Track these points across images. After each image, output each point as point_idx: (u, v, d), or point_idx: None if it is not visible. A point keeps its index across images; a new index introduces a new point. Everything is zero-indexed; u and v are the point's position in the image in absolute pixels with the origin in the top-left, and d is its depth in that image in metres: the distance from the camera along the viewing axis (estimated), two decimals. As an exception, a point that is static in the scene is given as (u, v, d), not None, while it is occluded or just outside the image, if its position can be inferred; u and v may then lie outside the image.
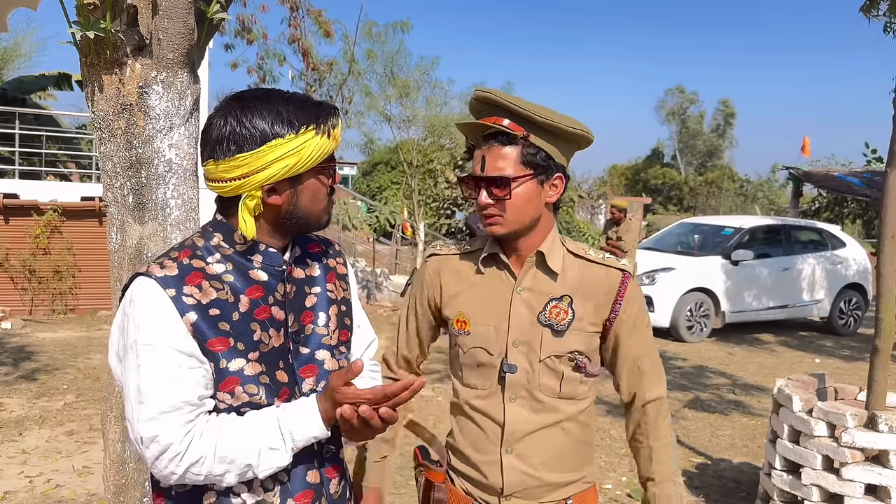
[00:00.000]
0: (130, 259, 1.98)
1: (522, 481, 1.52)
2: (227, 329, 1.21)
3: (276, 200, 1.24)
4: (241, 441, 1.19)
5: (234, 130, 1.19)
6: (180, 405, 1.16)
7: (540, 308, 1.50)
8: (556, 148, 1.47)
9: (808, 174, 14.18)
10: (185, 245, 1.27)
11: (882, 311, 3.26)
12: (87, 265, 9.26)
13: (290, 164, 1.20)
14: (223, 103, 1.24)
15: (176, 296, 1.18)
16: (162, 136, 1.95)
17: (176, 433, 1.15)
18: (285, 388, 1.28)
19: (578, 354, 1.50)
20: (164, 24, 1.89)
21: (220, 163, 1.20)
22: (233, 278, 1.24)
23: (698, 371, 7.35)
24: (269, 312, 1.27)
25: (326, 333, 1.35)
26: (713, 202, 32.52)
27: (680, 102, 42.95)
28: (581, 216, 22.00)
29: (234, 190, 1.21)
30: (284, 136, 1.19)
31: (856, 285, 10.07)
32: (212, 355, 1.20)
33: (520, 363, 1.50)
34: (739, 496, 4.09)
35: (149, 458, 1.18)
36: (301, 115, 1.21)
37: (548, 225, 1.53)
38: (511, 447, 1.52)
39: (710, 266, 9.20)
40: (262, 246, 1.28)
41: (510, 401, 1.51)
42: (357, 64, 15.38)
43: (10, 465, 4.18)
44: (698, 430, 5.33)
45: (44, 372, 6.27)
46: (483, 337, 1.53)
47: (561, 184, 1.51)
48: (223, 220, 1.28)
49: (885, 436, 3.08)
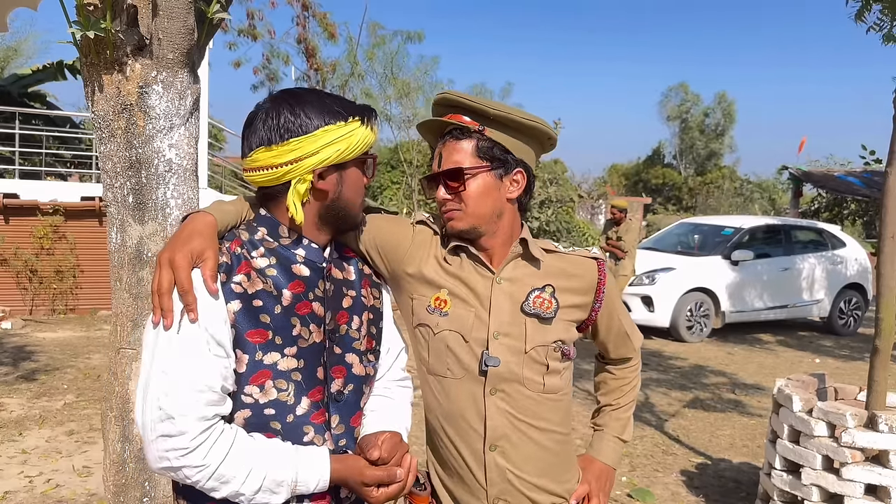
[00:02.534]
0: (130, 259, 1.98)
1: (507, 480, 1.48)
2: (267, 322, 1.23)
3: (325, 185, 1.29)
4: (247, 469, 1.18)
5: (287, 118, 1.25)
6: (204, 388, 1.15)
7: (523, 298, 1.47)
8: (514, 142, 1.46)
9: (808, 174, 14.18)
10: (234, 236, 1.29)
11: (882, 311, 3.26)
12: (87, 265, 9.27)
13: (341, 148, 1.27)
14: (272, 97, 1.31)
15: (226, 282, 1.21)
16: (162, 136, 1.95)
17: (193, 425, 1.14)
18: (319, 386, 1.30)
19: (562, 343, 1.50)
20: (164, 24, 1.89)
21: (274, 147, 1.25)
22: (276, 272, 1.27)
23: (698, 371, 7.35)
24: (310, 308, 1.30)
25: (357, 338, 1.38)
26: (713, 202, 32.53)
27: (682, 101, 42.91)
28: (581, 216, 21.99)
29: (284, 175, 1.26)
30: (335, 123, 1.26)
31: (856, 285, 10.08)
32: (248, 346, 1.21)
33: (502, 356, 1.45)
34: (739, 496, 4.09)
35: (153, 435, 1.14)
36: (347, 106, 1.30)
37: (515, 224, 1.52)
38: (494, 444, 1.46)
39: (710, 266, 9.21)
40: (305, 240, 1.32)
41: (491, 394, 1.46)
42: (359, 65, 15.39)
43: (10, 465, 4.18)
44: (698, 430, 5.33)
45: (44, 372, 6.27)
46: (461, 322, 1.46)
47: (523, 179, 1.49)
48: (267, 213, 1.32)
49: (885, 436, 3.08)
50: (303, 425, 1.27)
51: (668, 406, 5.96)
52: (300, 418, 1.26)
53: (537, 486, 1.50)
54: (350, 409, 1.36)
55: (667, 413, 5.74)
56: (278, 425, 1.25)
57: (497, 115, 1.43)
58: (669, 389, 6.51)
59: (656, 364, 7.58)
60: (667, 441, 5.05)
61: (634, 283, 8.81)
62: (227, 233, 1.29)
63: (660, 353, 8.20)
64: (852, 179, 13.47)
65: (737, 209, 30.06)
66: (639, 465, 4.54)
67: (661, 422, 5.50)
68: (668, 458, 4.71)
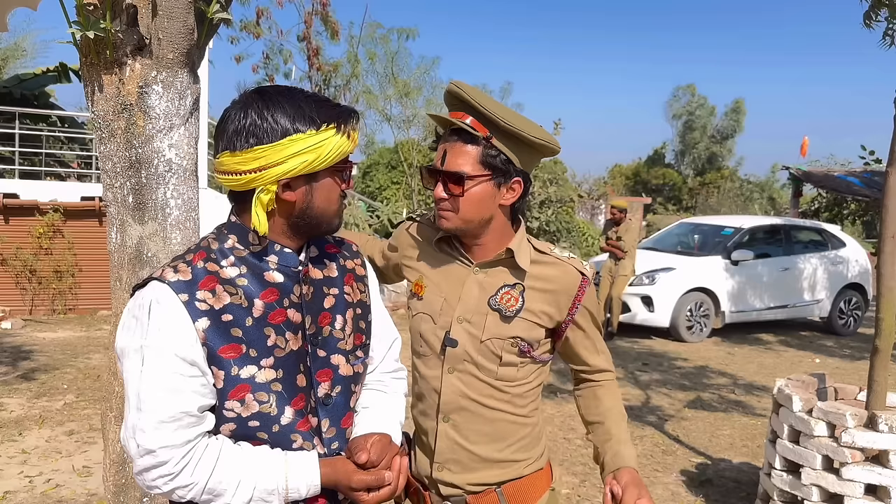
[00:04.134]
0: (130, 259, 1.98)
1: (453, 450, 1.56)
2: (239, 335, 1.19)
3: (291, 197, 1.22)
4: (236, 480, 1.18)
5: (254, 122, 1.17)
6: (179, 416, 1.14)
7: (492, 292, 1.54)
8: (517, 153, 1.48)
9: (808, 174, 14.16)
10: (199, 247, 1.25)
11: (882, 311, 3.26)
12: (87, 265, 9.26)
13: (309, 160, 1.19)
14: (243, 96, 1.23)
15: (189, 301, 1.16)
16: (162, 136, 1.95)
17: (174, 452, 1.14)
18: (301, 393, 1.26)
19: (521, 341, 1.53)
20: (164, 24, 1.89)
21: (237, 154, 1.18)
22: (247, 282, 1.23)
23: (698, 371, 7.35)
24: (284, 315, 1.25)
25: (342, 338, 1.34)
26: (713, 202, 32.51)
27: (689, 102, 42.85)
28: (581, 216, 21.98)
29: (248, 183, 1.19)
30: (305, 131, 1.18)
31: (856, 285, 10.07)
32: (223, 362, 1.18)
33: (461, 339, 1.54)
34: (739, 496, 4.09)
35: (138, 467, 1.16)
36: (322, 112, 1.20)
37: (506, 229, 1.56)
38: (447, 416, 1.56)
39: (710, 266, 9.20)
40: (276, 246, 1.26)
41: (448, 372, 1.55)
42: (359, 65, 15.40)
43: (10, 465, 4.18)
44: (698, 430, 5.33)
45: (44, 372, 6.27)
46: (431, 305, 1.58)
47: (519, 188, 1.52)
48: (237, 220, 1.26)
49: (885, 436, 3.08)
50: (289, 434, 1.25)
51: (668, 406, 5.96)
52: (286, 427, 1.24)
53: (481, 457, 1.56)
54: (339, 411, 1.33)
55: (667, 413, 5.74)
56: (265, 435, 1.23)
57: (506, 128, 1.44)
58: (669, 389, 6.51)
59: (656, 364, 7.58)
60: (667, 441, 5.05)
61: (634, 283, 8.80)
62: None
63: (660, 353, 8.20)
64: (852, 179, 13.45)
65: (737, 209, 30.05)
66: (639, 465, 4.53)
67: (661, 422, 5.50)
68: (668, 458, 4.71)
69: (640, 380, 6.82)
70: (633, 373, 7.09)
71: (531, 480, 1.60)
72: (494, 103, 1.46)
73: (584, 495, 4.00)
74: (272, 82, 14.23)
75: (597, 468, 1.68)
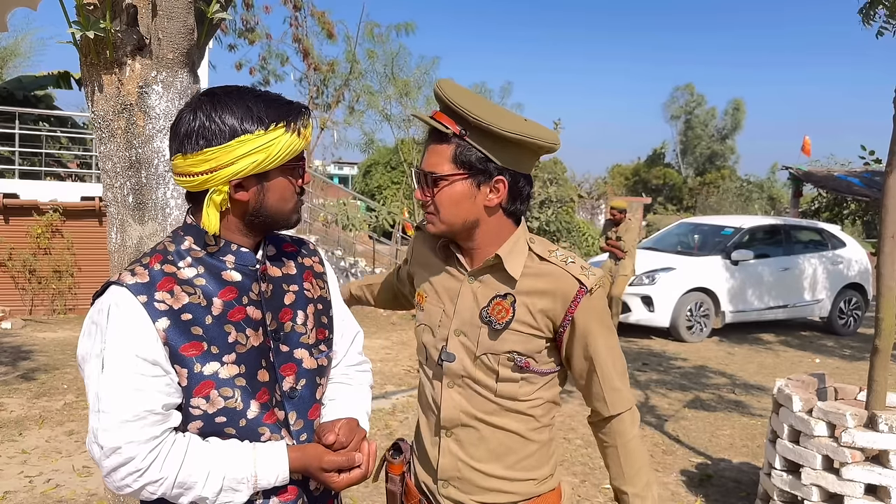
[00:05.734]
0: (130, 259, 1.98)
1: (457, 467, 1.49)
2: (199, 333, 1.21)
3: (244, 196, 1.24)
4: (205, 472, 1.19)
5: (203, 125, 1.19)
6: (144, 414, 1.15)
7: (484, 303, 1.45)
8: (495, 150, 1.38)
9: (808, 174, 14.17)
10: (156, 250, 1.27)
11: (882, 311, 3.26)
12: (87, 265, 9.26)
13: (259, 160, 1.20)
14: (193, 99, 1.24)
15: (148, 302, 1.18)
16: (162, 136, 1.95)
17: (140, 448, 1.15)
18: (265, 387, 1.28)
19: (517, 355, 1.43)
20: (164, 24, 1.89)
21: (189, 157, 1.20)
22: (204, 281, 1.24)
23: (698, 371, 7.35)
24: (244, 313, 1.27)
25: (304, 332, 1.36)
26: (713, 202, 32.51)
27: (687, 102, 42.87)
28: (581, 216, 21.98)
29: (201, 185, 1.21)
30: (254, 132, 1.19)
31: (856, 285, 10.07)
32: (185, 361, 1.20)
33: (458, 354, 1.47)
34: (739, 496, 4.09)
35: (105, 468, 1.16)
36: (271, 112, 1.21)
37: (498, 230, 1.46)
38: (449, 431, 1.49)
39: (710, 266, 9.20)
40: (233, 246, 1.28)
41: (448, 386, 1.49)
42: (358, 64, 15.39)
43: (10, 465, 4.18)
44: (698, 430, 5.33)
45: (44, 372, 6.27)
46: (431, 316, 1.53)
47: (503, 187, 1.41)
48: (193, 222, 1.28)
49: (885, 436, 3.08)
50: (257, 427, 1.27)
51: (668, 406, 5.96)
52: (252, 421, 1.26)
53: (486, 473, 1.48)
54: (305, 403, 1.35)
55: (667, 413, 5.74)
56: (233, 430, 1.25)
57: (476, 124, 1.35)
58: (669, 389, 6.51)
59: (656, 364, 7.58)
60: (667, 441, 5.05)
61: (634, 283, 8.80)
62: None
63: (660, 353, 8.20)
64: (852, 179, 13.45)
65: (737, 209, 30.05)
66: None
67: (661, 422, 5.50)
68: (668, 458, 4.71)
69: (640, 380, 6.82)
70: (632, 373, 7.09)
71: (541, 502, 1.52)
72: (471, 99, 1.38)
73: (584, 495, 3.99)
74: (267, 84, 14.25)
75: (597, 468, 1.66)
